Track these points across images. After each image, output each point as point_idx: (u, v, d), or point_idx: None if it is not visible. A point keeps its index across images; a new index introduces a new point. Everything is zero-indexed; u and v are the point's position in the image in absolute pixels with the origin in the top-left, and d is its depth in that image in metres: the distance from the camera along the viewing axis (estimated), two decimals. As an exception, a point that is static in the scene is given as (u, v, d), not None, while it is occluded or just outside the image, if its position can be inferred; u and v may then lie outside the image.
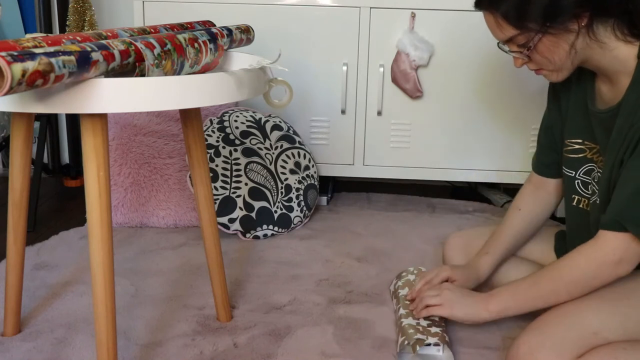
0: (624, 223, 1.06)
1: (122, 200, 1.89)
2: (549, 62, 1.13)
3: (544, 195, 1.41)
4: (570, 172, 1.27)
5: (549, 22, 1.07)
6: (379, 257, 1.73)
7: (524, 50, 1.13)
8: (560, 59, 1.12)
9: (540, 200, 1.41)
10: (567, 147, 1.27)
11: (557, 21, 1.06)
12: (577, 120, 1.25)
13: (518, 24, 1.09)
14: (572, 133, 1.26)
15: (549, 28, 1.07)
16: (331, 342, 1.29)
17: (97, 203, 0.97)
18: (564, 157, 1.29)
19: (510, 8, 1.08)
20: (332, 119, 2.06)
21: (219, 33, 1.17)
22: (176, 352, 1.24)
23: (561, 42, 1.09)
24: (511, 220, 1.41)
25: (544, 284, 1.16)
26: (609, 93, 1.15)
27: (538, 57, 1.13)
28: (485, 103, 2.01)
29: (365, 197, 2.27)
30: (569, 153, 1.27)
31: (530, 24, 1.08)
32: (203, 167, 1.26)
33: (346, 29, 1.97)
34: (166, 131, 1.95)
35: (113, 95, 0.88)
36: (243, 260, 1.69)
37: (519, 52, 1.14)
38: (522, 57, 1.14)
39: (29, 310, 1.39)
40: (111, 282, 1.01)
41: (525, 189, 1.43)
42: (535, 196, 1.41)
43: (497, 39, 1.15)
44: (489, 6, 1.12)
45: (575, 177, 1.26)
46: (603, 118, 1.16)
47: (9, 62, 0.72)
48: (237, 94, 1.03)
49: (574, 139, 1.25)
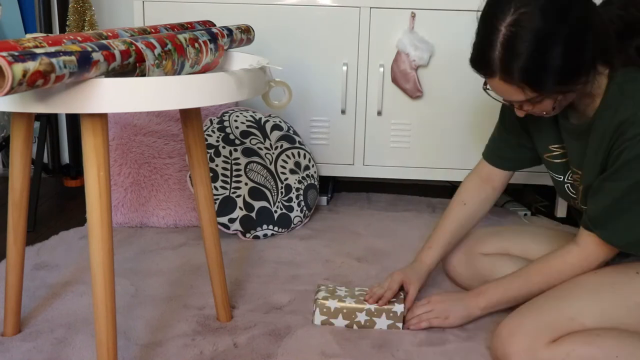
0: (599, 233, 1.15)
1: (122, 200, 1.89)
2: (554, 110, 1.13)
3: (488, 191, 1.46)
4: (558, 176, 1.31)
5: (572, 83, 1.06)
6: (379, 257, 1.73)
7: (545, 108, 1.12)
8: (564, 105, 1.14)
9: (484, 195, 1.46)
10: (551, 152, 1.30)
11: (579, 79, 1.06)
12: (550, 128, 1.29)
13: (541, 89, 1.06)
14: (552, 140, 1.30)
15: (571, 87, 1.07)
16: (331, 342, 1.29)
17: (97, 203, 0.97)
18: (548, 162, 1.33)
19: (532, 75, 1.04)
20: (332, 119, 2.06)
21: (220, 33, 1.17)
22: (176, 352, 1.24)
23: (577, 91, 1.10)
24: (456, 213, 1.46)
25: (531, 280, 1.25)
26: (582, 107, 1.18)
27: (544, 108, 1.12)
28: (485, 103, 2.01)
29: (365, 197, 2.27)
30: (553, 158, 1.30)
31: (554, 87, 1.06)
32: (203, 167, 1.26)
33: (346, 29, 1.97)
34: (166, 131, 1.95)
35: (113, 95, 0.88)
36: (243, 260, 1.69)
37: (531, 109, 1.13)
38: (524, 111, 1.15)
39: (29, 310, 1.39)
40: (111, 282, 1.01)
41: (470, 182, 1.47)
42: (480, 191, 1.46)
43: (508, 99, 1.12)
44: (504, 75, 1.06)
45: (564, 182, 1.29)
46: (575, 131, 1.20)
47: (10, 62, 0.72)
48: (237, 94, 1.03)
49: (556, 144, 1.28)
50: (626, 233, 1.13)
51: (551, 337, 1.13)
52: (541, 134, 1.31)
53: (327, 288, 1.40)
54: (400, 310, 1.33)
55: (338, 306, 1.33)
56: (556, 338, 1.13)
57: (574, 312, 1.14)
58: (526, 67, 1.03)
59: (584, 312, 1.14)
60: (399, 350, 1.26)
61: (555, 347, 1.11)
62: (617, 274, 1.19)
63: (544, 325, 1.14)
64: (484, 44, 1.07)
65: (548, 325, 1.14)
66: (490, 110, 2.02)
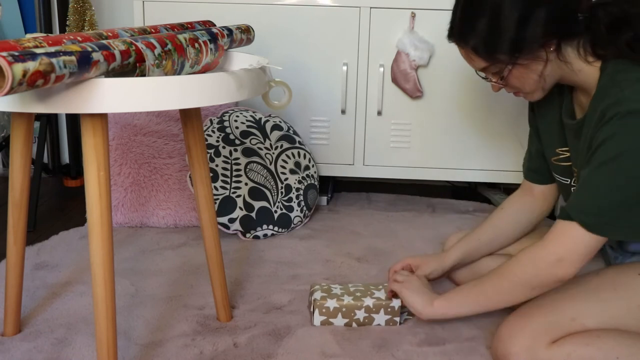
0: (570, 211, 1.09)
1: (122, 200, 1.89)
2: (523, 88, 1.17)
3: (529, 200, 1.44)
4: (565, 180, 1.31)
5: (517, 54, 1.10)
6: (379, 257, 1.73)
7: (497, 79, 1.17)
8: (532, 84, 1.16)
9: (524, 204, 1.45)
10: (558, 155, 1.30)
11: (525, 52, 1.10)
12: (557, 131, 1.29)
13: (488, 56, 1.12)
14: (559, 143, 1.29)
15: (518, 59, 1.10)
16: (331, 342, 1.29)
17: (97, 203, 0.97)
18: (555, 165, 1.32)
19: (479, 42, 1.11)
20: (332, 119, 2.06)
21: (220, 33, 1.17)
22: (176, 352, 1.24)
23: (531, 69, 1.13)
24: (492, 217, 1.46)
25: (489, 284, 1.20)
26: (586, 104, 1.18)
27: (512, 83, 1.17)
28: (485, 103, 2.01)
29: (365, 197, 2.27)
30: (560, 161, 1.30)
31: (499, 56, 1.11)
32: (203, 167, 1.26)
33: (346, 29, 1.97)
34: (166, 131, 1.95)
35: (113, 95, 0.88)
36: (243, 260, 1.69)
37: (495, 81, 1.18)
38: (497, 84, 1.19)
39: (29, 310, 1.39)
40: (111, 282, 1.01)
41: (514, 193, 1.48)
42: (520, 199, 1.45)
43: (471, 67, 1.19)
44: (458, 40, 1.16)
45: (571, 185, 1.29)
46: (574, 128, 1.20)
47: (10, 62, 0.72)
48: (237, 94, 1.03)
49: (563, 147, 1.28)
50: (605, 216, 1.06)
51: (552, 337, 1.12)
52: (549, 137, 1.31)
53: (322, 287, 1.40)
54: (398, 305, 1.34)
55: (337, 305, 1.33)
56: (557, 339, 1.12)
57: (574, 312, 1.14)
58: (472, 32, 1.11)
59: (585, 313, 1.14)
60: (399, 350, 1.26)
61: (555, 348, 1.11)
62: (618, 275, 1.18)
63: (544, 326, 1.13)
64: (453, 11, 1.17)
65: (549, 326, 1.13)
66: (490, 110, 2.02)
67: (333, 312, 1.34)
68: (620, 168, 1.04)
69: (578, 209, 1.08)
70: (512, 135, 2.04)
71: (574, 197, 1.10)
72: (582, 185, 1.09)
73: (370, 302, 1.34)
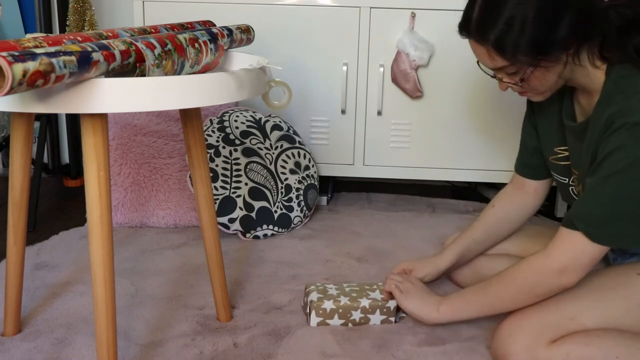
0: (574, 221, 1.09)
1: (122, 200, 1.89)
2: (539, 89, 1.16)
3: (521, 196, 1.44)
4: (563, 179, 1.31)
5: (541, 56, 1.08)
6: (379, 257, 1.73)
7: (515, 80, 1.14)
8: (551, 85, 1.15)
9: (516, 200, 1.45)
10: (556, 154, 1.30)
11: (550, 55, 1.08)
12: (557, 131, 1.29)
13: (511, 57, 1.09)
14: (557, 142, 1.30)
15: (541, 61, 1.09)
16: (331, 342, 1.29)
17: (97, 203, 0.97)
18: (553, 164, 1.32)
19: (501, 40, 1.07)
20: (332, 119, 2.06)
21: (219, 33, 1.17)
22: (176, 352, 1.24)
23: (552, 71, 1.11)
24: (483, 215, 1.46)
25: (492, 290, 1.21)
26: (587, 106, 1.19)
27: (527, 85, 1.15)
28: (485, 102, 2.01)
29: (365, 197, 2.27)
30: (558, 161, 1.30)
31: (522, 57, 1.08)
32: (203, 167, 1.26)
33: (346, 29, 1.97)
34: (166, 131, 1.95)
35: (113, 95, 0.88)
36: (243, 260, 1.69)
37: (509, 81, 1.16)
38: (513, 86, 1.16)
39: (29, 310, 1.39)
40: (111, 282, 1.01)
41: (504, 189, 1.48)
42: (512, 196, 1.45)
43: (485, 65, 1.16)
44: (478, 36, 1.11)
45: (569, 184, 1.29)
46: (576, 130, 1.20)
47: (10, 62, 0.72)
48: (237, 94, 1.03)
49: (561, 147, 1.28)
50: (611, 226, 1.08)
51: (551, 337, 1.13)
52: (548, 136, 1.31)
53: (318, 288, 1.40)
54: (394, 305, 1.34)
55: (334, 306, 1.33)
56: (556, 338, 1.13)
57: (574, 312, 1.14)
58: (495, 30, 1.07)
59: (585, 313, 1.14)
60: (399, 350, 1.26)
61: (555, 348, 1.11)
62: (618, 275, 1.18)
63: (544, 326, 1.14)
64: (468, 6, 1.14)
65: (548, 326, 1.13)
66: (490, 110, 2.02)
67: (330, 313, 1.34)
68: (628, 180, 1.04)
69: (583, 220, 1.09)
70: (512, 135, 2.03)
71: (579, 206, 1.10)
72: (588, 195, 1.09)
73: (367, 303, 1.34)
